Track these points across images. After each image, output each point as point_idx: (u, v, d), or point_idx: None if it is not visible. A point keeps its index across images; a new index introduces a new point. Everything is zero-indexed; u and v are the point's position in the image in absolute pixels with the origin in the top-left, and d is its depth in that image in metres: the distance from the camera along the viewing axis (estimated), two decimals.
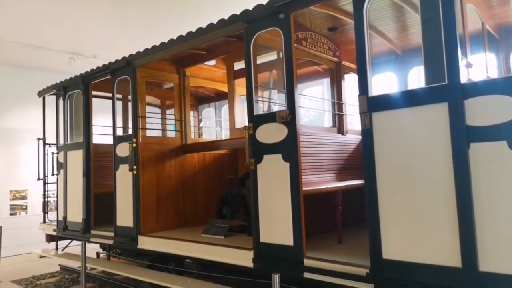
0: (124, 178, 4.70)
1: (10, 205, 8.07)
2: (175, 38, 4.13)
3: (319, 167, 3.90)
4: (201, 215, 5.21)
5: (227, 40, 4.38)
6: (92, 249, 5.79)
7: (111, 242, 4.84)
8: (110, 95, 6.32)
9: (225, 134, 7.35)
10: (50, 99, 6.32)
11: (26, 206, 8.23)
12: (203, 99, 6.86)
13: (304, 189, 3.09)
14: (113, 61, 4.89)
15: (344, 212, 3.59)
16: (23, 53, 7.61)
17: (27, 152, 7.88)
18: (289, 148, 3.13)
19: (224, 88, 5.78)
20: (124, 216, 4.66)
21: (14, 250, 6.72)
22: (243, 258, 3.42)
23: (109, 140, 6.02)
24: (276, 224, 3.18)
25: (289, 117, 3.12)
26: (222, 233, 4.11)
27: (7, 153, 8.23)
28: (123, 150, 4.74)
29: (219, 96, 6.69)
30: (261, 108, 4.01)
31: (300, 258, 3.02)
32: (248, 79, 3.46)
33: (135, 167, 4.53)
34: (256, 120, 3.37)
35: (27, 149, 7.89)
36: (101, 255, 6.11)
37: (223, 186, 5.50)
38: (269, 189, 3.25)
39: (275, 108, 4.36)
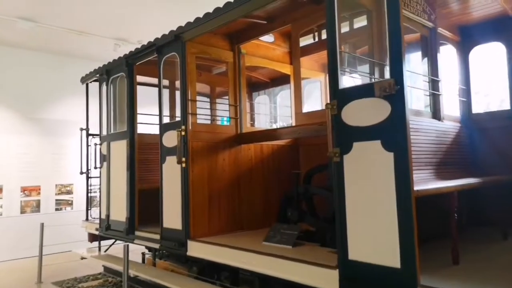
0: (171, 172, 4.03)
1: (56, 199, 7.76)
2: None
3: (422, 160, 2.98)
4: (259, 217, 4.44)
5: (293, 3, 3.57)
6: (137, 249, 5.21)
7: (157, 245, 4.19)
8: (155, 81, 5.76)
9: (280, 124, 6.55)
10: (95, 86, 5.83)
11: (72, 201, 7.90)
12: (255, 85, 6.10)
13: (415, 189, 2.21)
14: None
15: (459, 219, 2.67)
16: (67, 39, 7.22)
17: (73, 144, 7.51)
18: (393, 132, 2.26)
19: (283, 68, 4.97)
20: (172, 216, 4.00)
21: (57, 247, 6.31)
22: (324, 278, 2.60)
23: (155, 131, 5.44)
24: (373, 236, 2.33)
25: (394, 89, 2.24)
26: (290, 241, 3.30)
27: (53, 146, 7.93)
28: (170, 139, 4.07)
29: (274, 82, 5.89)
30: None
31: (411, 286, 2.14)
32: (330, 43, 2.62)
33: (184, 159, 3.84)
34: (342, 96, 2.53)
35: (73, 141, 7.53)
36: (146, 256, 5.54)
37: (283, 184, 4.70)
38: (361, 188, 2.40)
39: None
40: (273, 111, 6.30)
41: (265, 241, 3.48)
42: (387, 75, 2.89)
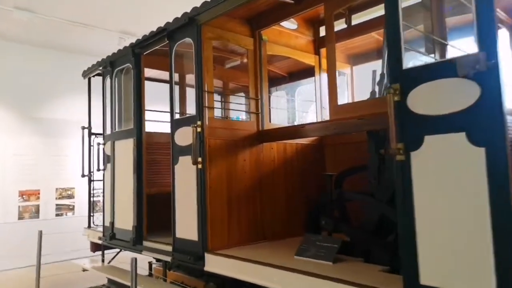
0: (185, 174, 3.53)
1: (56, 204, 7.26)
2: None
3: None
4: (282, 225, 3.92)
5: None
6: (144, 257, 4.69)
7: (168, 258, 3.68)
8: (164, 76, 5.27)
9: (300, 122, 6.03)
10: (98, 82, 5.34)
11: (73, 206, 7.40)
12: (272, 80, 5.59)
13: None
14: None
15: None
16: (67, 32, 6.74)
17: (75, 145, 7.02)
18: (485, 121, 1.74)
19: (307, 59, 4.47)
20: (186, 225, 3.48)
21: (57, 256, 5.81)
22: None
23: (164, 129, 4.93)
24: (456, 258, 1.81)
25: (485, 65, 1.73)
26: (329, 256, 2.78)
27: (54, 147, 7.43)
28: (183, 137, 3.57)
29: (292, 76, 5.38)
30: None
31: None
32: (391, 14, 2.11)
33: (200, 159, 3.34)
34: (407, 78, 2.01)
35: (74, 142, 7.05)
36: (154, 266, 5.02)
37: (307, 187, 4.19)
38: (436, 194, 1.88)
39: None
40: (292, 108, 5.78)
41: (298, 255, 2.96)
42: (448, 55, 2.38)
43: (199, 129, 3.36)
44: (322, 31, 4.58)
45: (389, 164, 2.99)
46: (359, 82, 5.04)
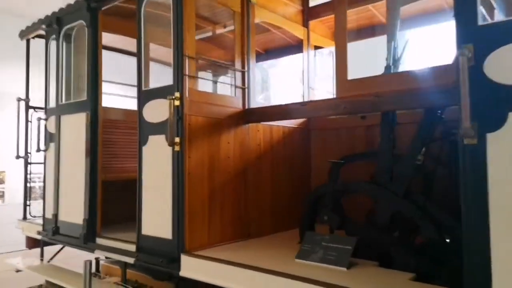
0: (156, 158, 2.87)
1: None
2: None
3: None
4: (268, 220, 3.40)
5: None
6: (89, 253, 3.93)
7: (131, 260, 3.00)
8: (122, 44, 4.48)
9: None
10: (40, 45, 4.41)
11: (3, 192, 6.32)
12: None
13: None
14: None
15: None
16: None
17: (8, 121, 5.95)
18: None
19: (296, 30, 3.95)
20: (156, 220, 2.84)
21: None
22: None
23: (122, 105, 4.20)
24: None
25: None
26: (342, 260, 2.29)
27: None
28: (155, 112, 2.90)
29: (270, 54, 4.83)
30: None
31: None
32: None
33: (177, 139, 2.70)
34: (483, 37, 1.55)
35: (7, 117, 5.96)
36: (102, 263, 4.29)
37: (294, 176, 3.71)
38: None
39: None
40: (266, 87, 5.23)
41: (300, 258, 2.45)
42: None
43: (177, 103, 2.71)
44: (312, 0, 4.09)
45: (405, 151, 2.57)
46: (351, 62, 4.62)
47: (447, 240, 2.32)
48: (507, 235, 1.48)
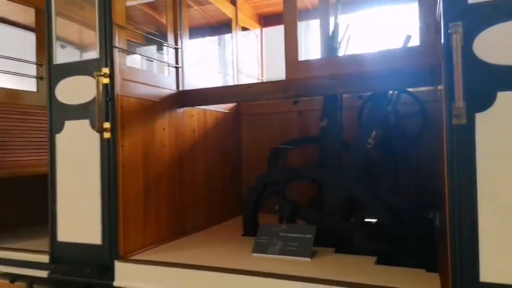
0: (77, 148, 2.36)
1: None
2: None
3: None
4: (203, 212, 3.13)
5: None
6: None
7: (43, 274, 2.45)
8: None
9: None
10: None
11: None
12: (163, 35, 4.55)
13: None
14: None
15: None
16: None
17: None
18: None
19: (225, 7, 3.68)
20: (78, 223, 2.35)
21: None
22: None
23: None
24: None
25: None
26: (305, 251, 2.16)
27: None
28: (74, 91, 2.39)
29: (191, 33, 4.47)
30: None
31: None
32: None
33: (108, 125, 2.25)
34: (474, 16, 1.52)
35: None
36: None
37: (227, 164, 3.49)
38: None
39: None
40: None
41: (257, 252, 2.26)
42: None
43: (105, 80, 2.26)
44: None
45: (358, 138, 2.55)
46: (271, 47, 4.52)
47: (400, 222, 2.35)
48: (493, 211, 1.49)
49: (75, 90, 2.37)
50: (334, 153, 2.59)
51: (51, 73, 2.46)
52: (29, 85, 3.79)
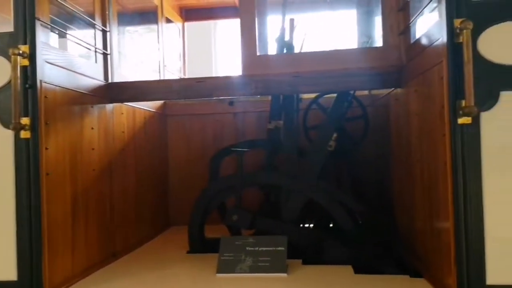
0: None
1: None
2: None
3: None
4: (132, 228, 2.65)
5: None
6: None
7: None
8: None
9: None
10: None
11: None
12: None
13: None
14: None
15: None
16: None
17: None
18: None
19: None
20: None
21: None
22: None
23: None
24: None
25: None
26: (279, 265, 1.92)
27: None
28: None
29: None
30: None
31: None
32: None
33: (26, 120, 1.70)
34: (480, 12, 1.49)
35: None
36: None
37: (155, 169, 3.07)
38: None
39: None
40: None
41: (222, 272, 1.94)
42: None
43: (24, 62, 1.71)
44: None
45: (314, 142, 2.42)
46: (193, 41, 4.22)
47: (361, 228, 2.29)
48: (499, 213, 1.47)
49: None
50: (290, 157, 2.41)
51: None
52: None
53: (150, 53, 3.31)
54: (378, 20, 3.15)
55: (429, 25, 1.79)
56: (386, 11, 2.22)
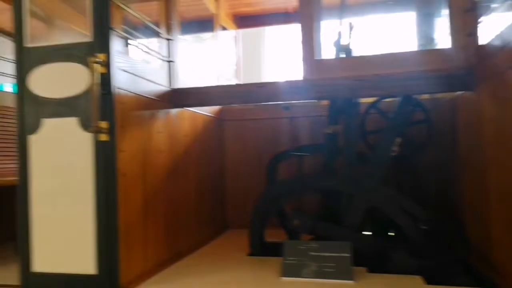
0: (60, 152, 1.87)
1: None
2: None
3: None
4: (193, 229, 2.72)
5: None
6: None
7: None
8: None
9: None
10: None
11: None
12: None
13: None
14: None
15: None
16: None
17: None
18: None
19: (209, 2, 3.35)
20: (63, 247, 1.84)
21: None
22: None
23: None
24: None
25: None
26: (345, 271, 1.90)
27: None
28: (56, 83, 1.90)
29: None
30: None
31: None
32: None
33: (105, 124, 1.81)
34: None
35: None
36: None
37: (214, 173, 3.13)
38: None
39: None
40: None
41: (287, 276, 1.95)
42: None
43: (101, 69, 1.82)
44: None
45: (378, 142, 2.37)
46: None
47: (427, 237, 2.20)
48: None
49: (58, 81, 1.89)
50: (351, 162, 2.38)
51: (21, 58, 1.94)
52: None
53: (206, 60, 3.40)
54: (439, 22, 3.05)
55: (503, 25, 1.71)
56: (453, 12, 2.15)
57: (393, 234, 2.40)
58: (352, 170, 2.35)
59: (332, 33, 2.60)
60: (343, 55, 2.42)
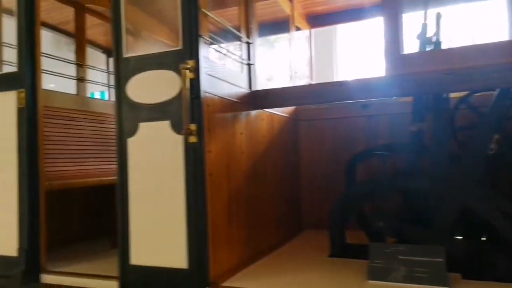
0: (154, 154, 2.01)
1: None
2: None
3: None
4: (273, 229, 2.76)
5: None
6: None
7: None
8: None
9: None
10: None
11: None
12: None
13: None
14: None
15: None
16: None
17: None
18: None
19: (284, 2, 3.37)
20: (158, 242, 1.98)
21: None
22: None
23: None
24: None
25: None
26: (440, 278, 1.80)
27: None
28: (150, 89, 2.04)
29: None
30: None
31: None
32: None
33: (193, 126, 1.90)
34: None
35: None
36: None
37: (289, 177, 3.14)
38: None
39: None
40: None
41: (374, 279, 1.90)
42: None
43: (191, 75, 1.91)
44: None
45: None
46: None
47: None
48: None
49: (151, 87, 2.03)
50: (441, 161, 2.24)
51: (120, 68, 2.11)
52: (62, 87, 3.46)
53: (280, 61, 3.43)
54: None
55: None
56: None
57: (484, 238, 2.23)
58: (443, 169, 2.22)
59: (415, 26, 2.49)
60: (430, 47, 2.31)
